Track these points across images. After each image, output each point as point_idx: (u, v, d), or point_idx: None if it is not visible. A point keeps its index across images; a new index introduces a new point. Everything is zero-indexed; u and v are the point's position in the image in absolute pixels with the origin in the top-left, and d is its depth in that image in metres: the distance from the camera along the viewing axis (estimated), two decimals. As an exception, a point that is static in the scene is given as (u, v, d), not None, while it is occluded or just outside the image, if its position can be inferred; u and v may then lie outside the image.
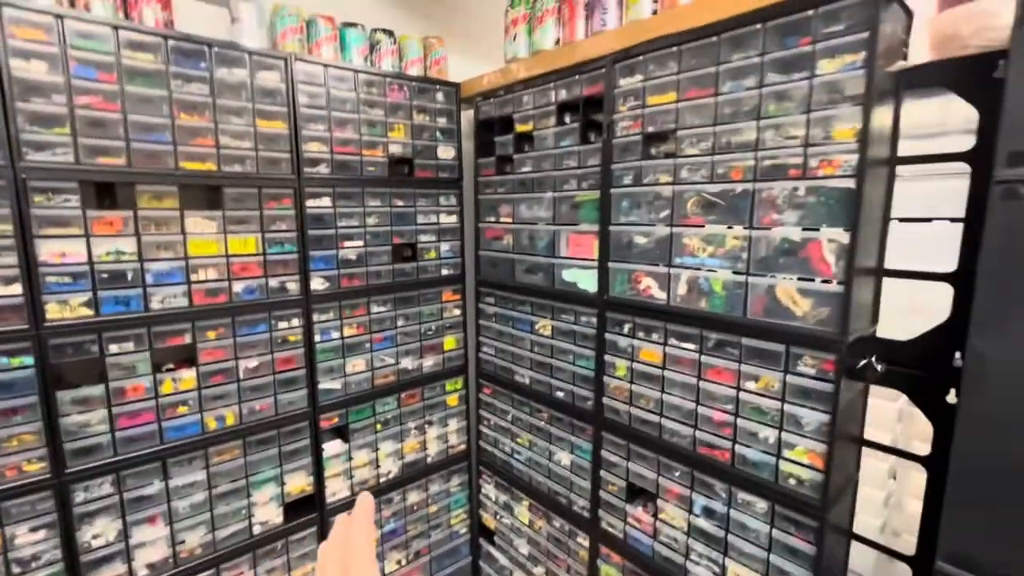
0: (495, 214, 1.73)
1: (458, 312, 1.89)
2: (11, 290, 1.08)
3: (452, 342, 1.90)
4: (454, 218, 1.84)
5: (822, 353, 0.99)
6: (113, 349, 1.22)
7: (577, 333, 1.49)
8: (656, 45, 1.19)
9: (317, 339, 1.54)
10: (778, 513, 1.09)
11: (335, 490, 1.64)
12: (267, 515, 1.50)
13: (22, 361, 1.10)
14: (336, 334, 1.59)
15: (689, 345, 1.21)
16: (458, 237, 1.86)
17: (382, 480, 1.75)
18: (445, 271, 1.84)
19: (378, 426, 1.72)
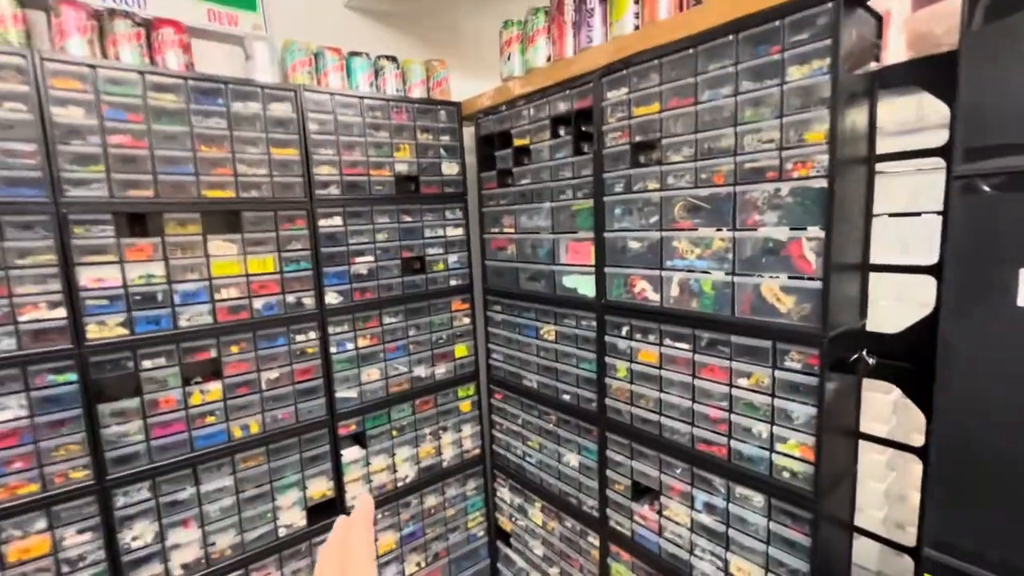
0: (499, 225, 1.80)
1: (468, 320, 1.97)
2: (57, 313, 1.20)
3: (463, 349, 1.97)
4: (460, 230, 1.92)
5: (806, 348, 1.02)
6: (147, 365, 1.33)
7: (579, 337, 1.54)
8: (639, 59, 1.24)
9: (333, 350, 1.63)
10: (774, 506, 1.11)
11: (355, 494, 1.72)
12: (291, 518, 1.59)
13: (67, 377, 1.22)
14: (351, 345, 1.67)
15: (683, 345, 1.25)
16: (465, 248, 1.93)
17: (399, 484, 1.83)
18: (454, 281, 1.92)
19: (394, 432, 1.80)
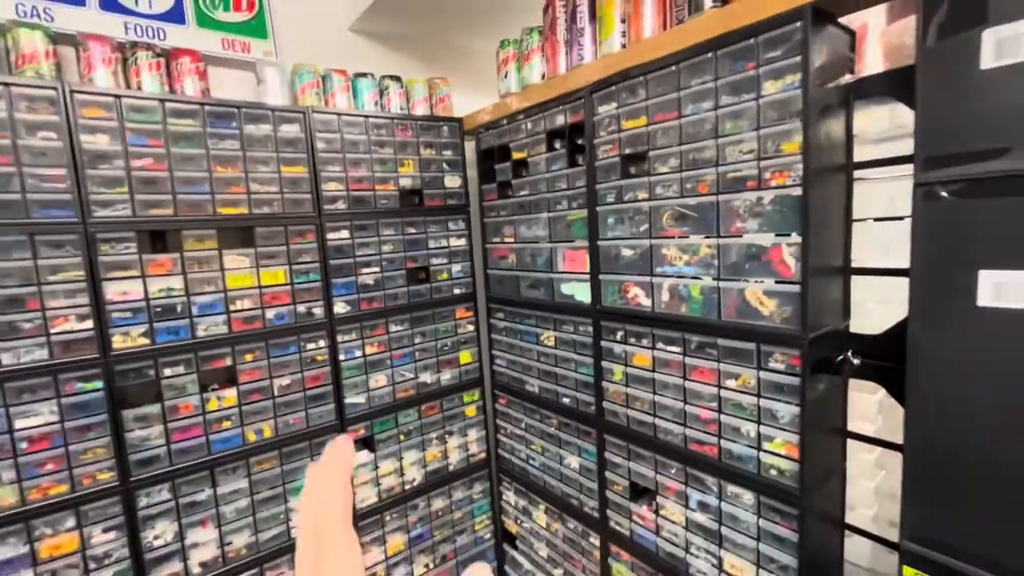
0: (499, 235, 1.86)
1: (472, 328, 2.03)
2: (85, 325, 1.29)
3: (467, 356, 2.03)
4: (463, 241, 1.98)
5: (788, 349, 1.06)
6: (167, 372, 1.41)
7: (577, 342, 1.59)
8: (626, 75, 1.30)
9: (341, 358, 1.70)
10: (763, 504, 1.15)
11: (364, 497, 1.79)
12: (303, 520, 1.65)
13: (94, 385, 1.30)
14: (359, 352, 1.74)
15: (674, 348, 1.29)
16: (468, 258, 2.00)
17: (407, 487, 1.89)
18: (457, 290, 1.98)
19: (401, 436, 1.86)
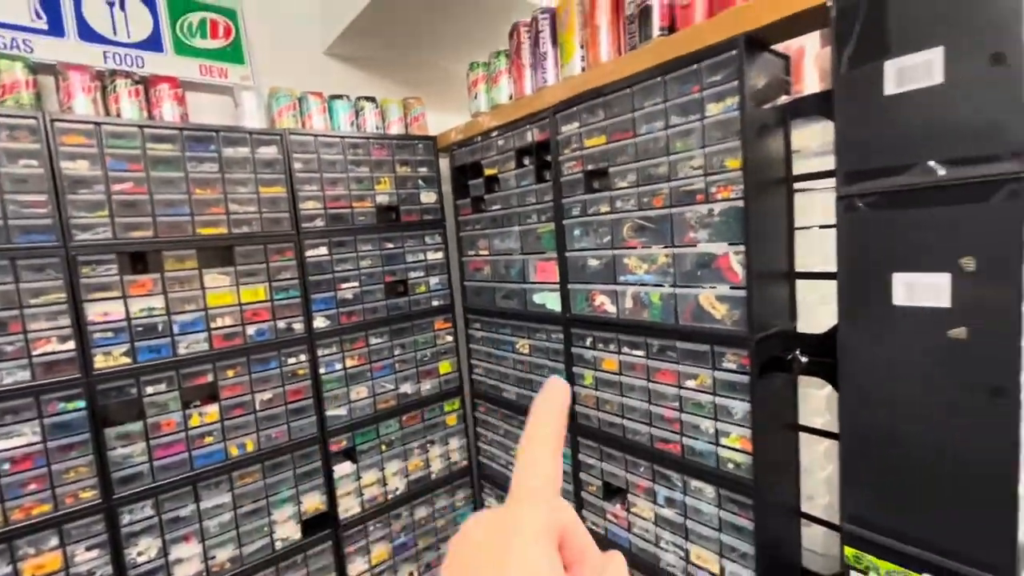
0: (475, 248, 1.93)
1: (450, 338, 2.08)
2: (67, 346, 1.32)
3: (447, 366, 2.08)
4: (440, 254, 2.05)
5: (739, 350, 1.14)
6: (149, 391, 1.44)
7: (549, 349, 1.65)
8: (586, 97, 1.39)
9: (322, 371, 1.75)
10: (723, 496, 1.22)
11: (347, 507, 1.82)
12: (287, 532, 1.69)
13: (76, 405, 1.33)
14: (339, 366, 1.79)
15: (638, 352, 1.37)
16: (445, 271, 2.06)
17: (390, 496, 1.92)
18: (436, 302, 2.04)
19: (383, 447, 1.91)
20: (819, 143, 1.36)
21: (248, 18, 1.84)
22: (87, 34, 1.53)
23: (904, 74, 0.82)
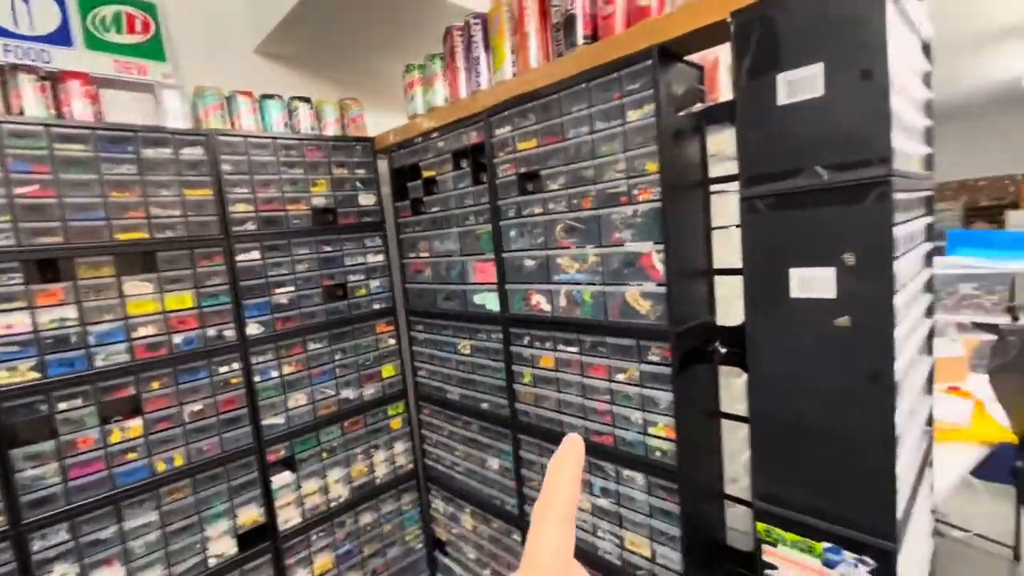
0: (415, 250, 1.93)
1: (393, 341, 2.07)
2: (-37, 362, 1.22)
3: (390, 369, 2.06)
4: (381, 257, 2.03)
5: (661, 343, 1.20)
6: (62, 407, 1.35)
7: (490, 349, 1.68)
8: (517, 101, 1.42)
9: (257, 379, 1.69)
10: (652, 483, 1.28)
11: (287, 518, 1.77)
12: (222, 548, 1.62)
13: (-24, 425, 1.23)
14: (275, 373, 1.74)
15: (572, 348, 1.42)
16: (386, 273, 2.05)
17: (333, 504, 1.89)
18: (377, 305, 2.02)
19: (324, 454, 1.87)
20: (733, 148, 1.46)
21: (170, 13, 1.76)
22: (-17, 25, 1.42)
23: (793, 86, 0.90)
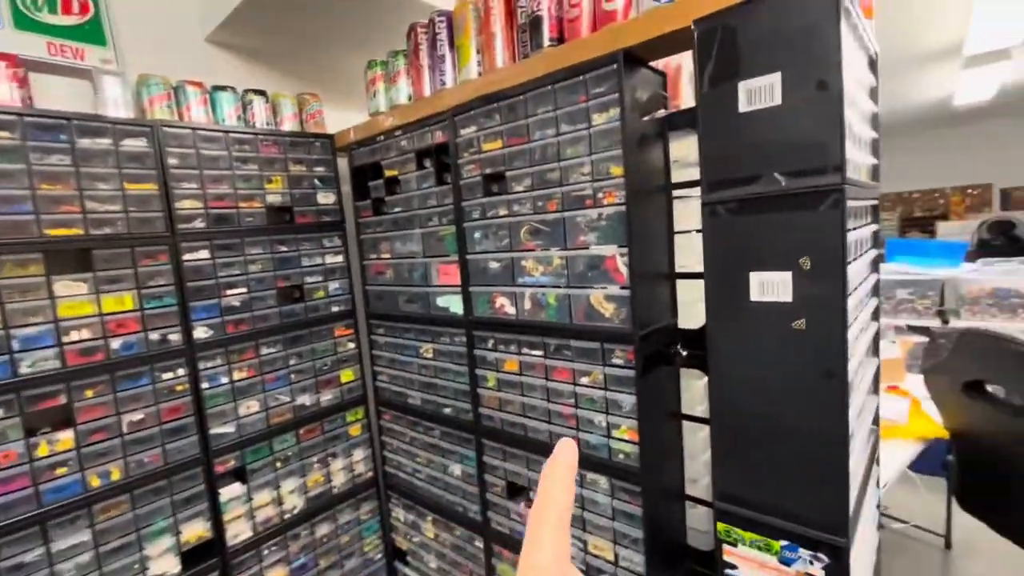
0: (376, 251, 1.88)
1: (352, 345, 2.00)
2: None
3: (349, 374, 2.00)
4: (340, 257, 1.96)
5: (625, 346, 1.21)
6: (-21, 418, 1.23)
7: (453, 353, 1.65)
8: (483, 101, 1.40)
9: (205, 386, 1.60)
10: (615, 486, 1.28)
11: (237, 532, 1.68)
12: (163, 566, 1.52)
13: None
14: (225, 379, 1.65)
15: (537, 352, 1.41)
16: (346, 275, 1.98)
17: (287, 516, 1.80)
18: (336, 307, 1.95)
19: (278, 464, 1.78)
20: (695, 155, 1.49)
21: (112, -5, 1.65)
22: None
23: (753, 94, 0.92)
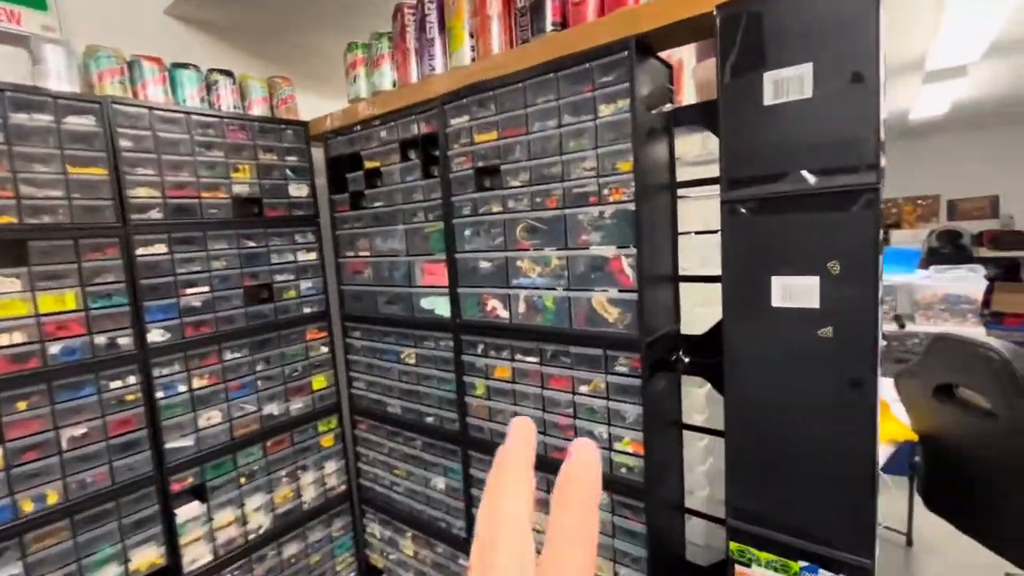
0: (354, 248, 1.75)
1: (326, 349, 1.86)
2: None
3: (322, 381, 1.86)
4: (313, 255, 1.82)
5: (631, 353, 1.13)
6: None
7: (438, 358, 1.54)
8: (476, 89, 1.31)
9: (159, 395, 1.43)
10: (616, 501, 1.21)
11: (195, 556, 1.52)
12: (108, 599, 1.35)
13: None
14: (183, 387, 1.49)
15: (532, 358, 1.32)
16: (319, 273, 1.84)
17: (251, 537, 1.65)
18: (308, 309, 1.81)
19: (242, 479, 1.63)
20: (695, 153, 1.44)
21: (55, -45, 1.46)
22: None
23: (780, 86, 0.86)
